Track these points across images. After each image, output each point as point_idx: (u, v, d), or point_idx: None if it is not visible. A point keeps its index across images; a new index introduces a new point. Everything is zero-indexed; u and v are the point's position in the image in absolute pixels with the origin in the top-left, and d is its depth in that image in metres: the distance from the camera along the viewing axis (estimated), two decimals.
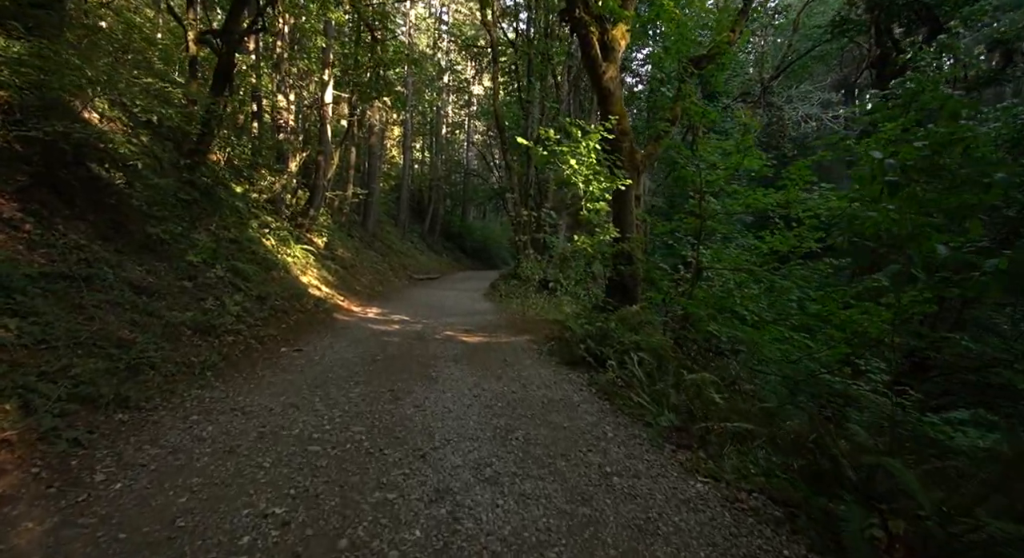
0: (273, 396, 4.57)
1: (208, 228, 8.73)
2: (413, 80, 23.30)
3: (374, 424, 3.96)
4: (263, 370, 5.53)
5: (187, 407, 4.06)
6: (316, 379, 5.29)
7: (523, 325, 9.35)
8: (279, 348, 6.63)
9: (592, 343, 6.06)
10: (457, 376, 5.59)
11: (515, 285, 14.37)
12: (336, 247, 14.86)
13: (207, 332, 6.01)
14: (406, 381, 5.33)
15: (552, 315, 10.92)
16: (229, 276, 7.81)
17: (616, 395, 4.84)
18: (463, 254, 28.34)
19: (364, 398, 4.64)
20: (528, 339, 7.89)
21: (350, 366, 5.95)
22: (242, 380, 5.05)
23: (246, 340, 6.42)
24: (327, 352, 6.68)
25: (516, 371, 5.87)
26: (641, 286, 9.35)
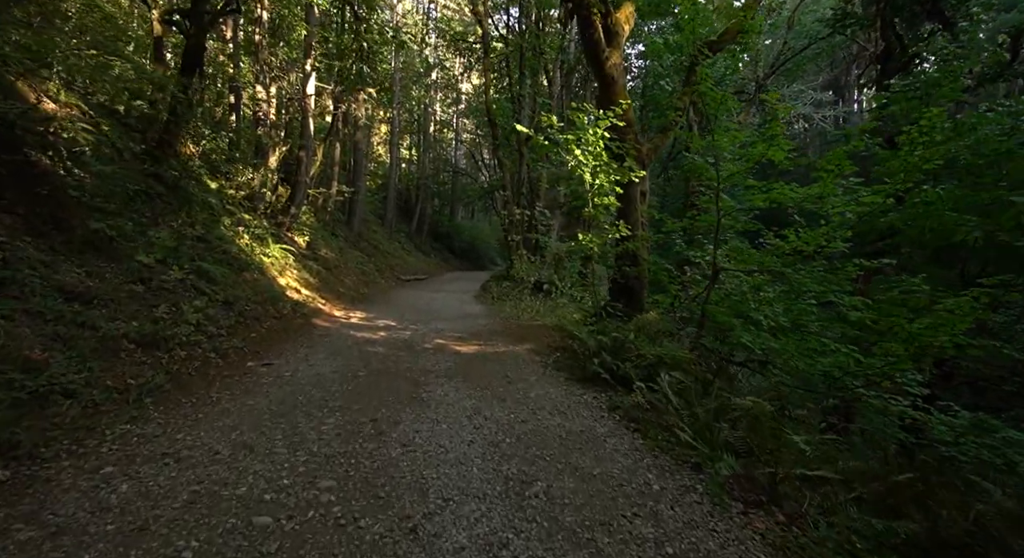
0: (224, 431, 3.54)
1: (171, 225, 7.62)
2: (400, 76, 22.20)
3: (349, 475, 2.97)
4: (219, 392, 4.49)
5: (102, 453, 3.02)
6: (283, 404, 4.27)
7: (520, 332, 8.39)
8: (244, 362, 5.59)
9: (608, 357, 5.12)
10: (452, 398, 4.60)
11: (507, 287, 13.41)
12: (319, 247, 13.75)
13: (155, 346, 4.95)
14: (392, 406, 4.33)
15: (549, 320, 9.99)
16: (192, 279, 6.73)
17: (647, 425, 3.90)
18: (451, 254, 27.29)
19: (339, 432, 3.64)
20: (529, 349, 6.93)
21: (326, 385, 4.93)
22: (190, 407, 4.01)
23: (204, 354, 5.36)
24: (301, 367, 5.65)
25: (521, 391, 4.90)
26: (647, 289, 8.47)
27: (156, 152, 9.00)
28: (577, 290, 12.81)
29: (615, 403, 4.43)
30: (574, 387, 5.02)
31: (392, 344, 7.15)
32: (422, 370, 5.70)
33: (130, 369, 4.34)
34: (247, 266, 8.64)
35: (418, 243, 24.50)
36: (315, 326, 8.19)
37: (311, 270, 11.64)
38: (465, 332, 8.30)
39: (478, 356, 6.48)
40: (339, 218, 17.89)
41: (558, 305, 11.73)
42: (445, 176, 28.61)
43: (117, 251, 6.07)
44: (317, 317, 8.81)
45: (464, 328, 8.69)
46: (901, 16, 12.08)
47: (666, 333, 5.82)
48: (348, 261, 14.82)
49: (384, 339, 7.49)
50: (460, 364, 6.02)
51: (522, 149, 14.97)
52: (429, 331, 8.25)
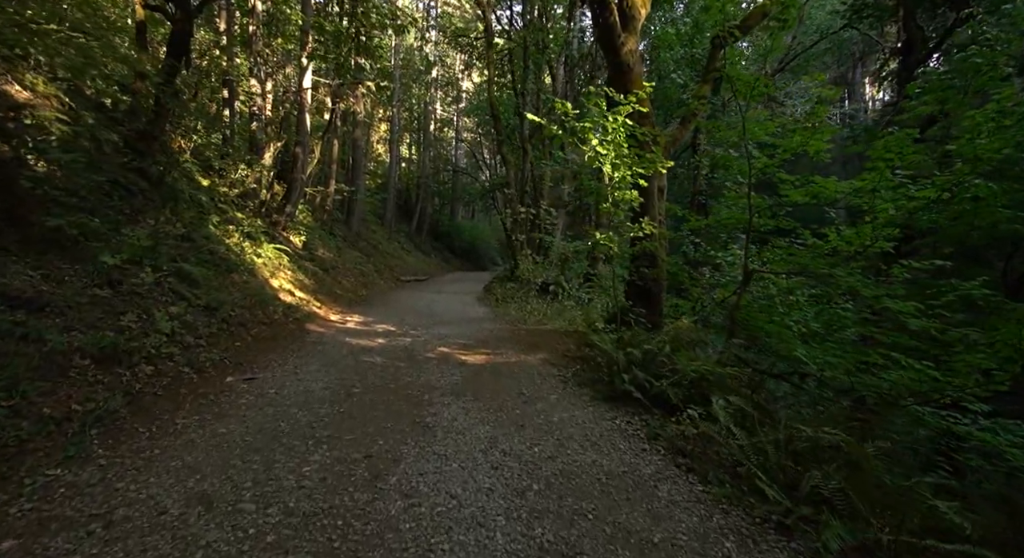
0: (180, 475, 2.78)
1: (150, 222, 6.85)
2: (400, 73, 21.40)
3: (333, 547, 2.20)
4: (187, 417, 3.72)
5: (7, 519, 2.25)
6: (261, 433, 3.51)
7: (530, 338, 7.62)
8: (223, 377, 4.81)
9: (639, 372, 4.35)
10: (462, 424, 3.84)
11: (512, 288, 12.64)
12: (316, 247, 12.98)
13: (115, 361, 4.17)
14: (391, 435, 3.57)
15: (558, 324, 9.24)
16: (171, 281, 5.96)
17: (701, 461, 3.14)
18: (452, 254, 26.50)
19: (325, 475, 2.88)
20: (543, 359, 6.16)
21: (315, 406, 4.17)
22: (146, 439, 3.24)
23: (176, 369, 4.58)
24: (288, 381, 4.88)
25: (541, 413, 4.14)
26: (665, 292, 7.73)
27: (139, 145, 8.23)
28: (584, 292, 12.06)
29: (655, 431, 3.67)
30: (602, 408, 4.26)
31: (391, 353, 6.38)
32: (425, 385, 4.93)
33: (79, 391, 3.57)
34: (236, 267, 7.86)
35: (418, 243, 23.73)
36: (308, 332, 7.41)
37: (307, 271, 10.87)
38: (471, 338, 7.54)
39: (487, 368, 5.72)
40: (337, 217, 17.11)
41: (565, 308, 10.98)
42: (445, 175, 27.80)
43: (84, 251, 5.30)
44: (311, 322, 8.03)
45: (469, 334, 7.92)
46: (922, 7, 11.35)
47: (700, 342, 5.07)
48: (346, 262, 14.04)
49: (383, 347, 6.72)
50: (468, 378, 5.26)
51: (526, 146, 14.22)
52: (431, 337, 7.48)
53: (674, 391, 4.06)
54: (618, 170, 6.03)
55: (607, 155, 5.99)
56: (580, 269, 13.54)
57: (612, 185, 6.18)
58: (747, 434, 3.15)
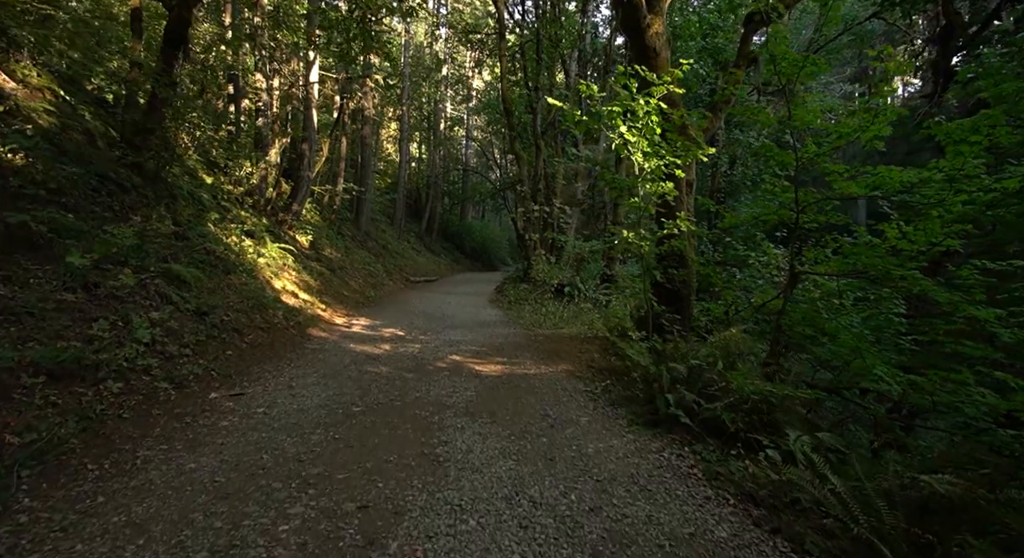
0: (117, 540, 2.11)
1: (136, 220, 6.24)
2: (410, 71, 20.77)
3: None
4: (152, 447, 3.07)
5: None
6: (237, 470, 2.84)
7: (549, 345, 6.92)
8: (207, 393, 4.16)
9: (685, 392, 3.63)
10: (480, 457, 3.15)
11: (525, 290, 11.94)
12: (323, 246, 12.36)
13: (76, 377, 3.53)
14: (393, 474, 2.89)
15: (576, 328, 8.53)
16: (158, 283, 5.33)
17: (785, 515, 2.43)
18: (462, 255, 25.83)
19: (305, 540, 2.20)
20: (565, 370, 5.46)
21: (306, 431, 3.50)
22: (92, 482, 2.59)
23: (152, 384, 3.94)
24: (280, 398, 4.22)
25: (573, 442, 3.44)
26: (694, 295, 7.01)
27: (136, 139, 7.62)
28: (601, 294, 11.33)
29: (714, 469, 2.95)
30: (644, 436, 3.55)
31: (398, 362, 5.71)
32: (435, 403, 4.25)
33: (21, 417, 2.92)
34: (234, 268, 7.24)
35: (428, 243, 23.09)
36: (310, 338, 6.76)
37: (312, 272, 10.24)
38: (484, 345, 6.85)
39: (505, 381, 5.02)
40: (346, 217, 16.50)
41: (582, 310, 10.27)
42: (456, 174, 27.12)
43: (58, 251, 4.68)
44: (314, 326, 7.39)
45: (482, 340, 7.24)
46: None
47: (747, 355, 4.34)
48: (354, 262, 13.42)
49: (389, 355, 6.05)
50: (483, 394, 4.56)
51: (539, 142, 13.51)
52: (442, 344, 6.81)
53: (730, 416, 3.34)
54: (650, 159, 5.31)
55: (637, 143, 5.28)
56: (596, 270, 12.82)
57: (642, 177, 5.46)
58: (841, 479, 2.43)
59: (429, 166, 24.38)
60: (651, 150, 5.31)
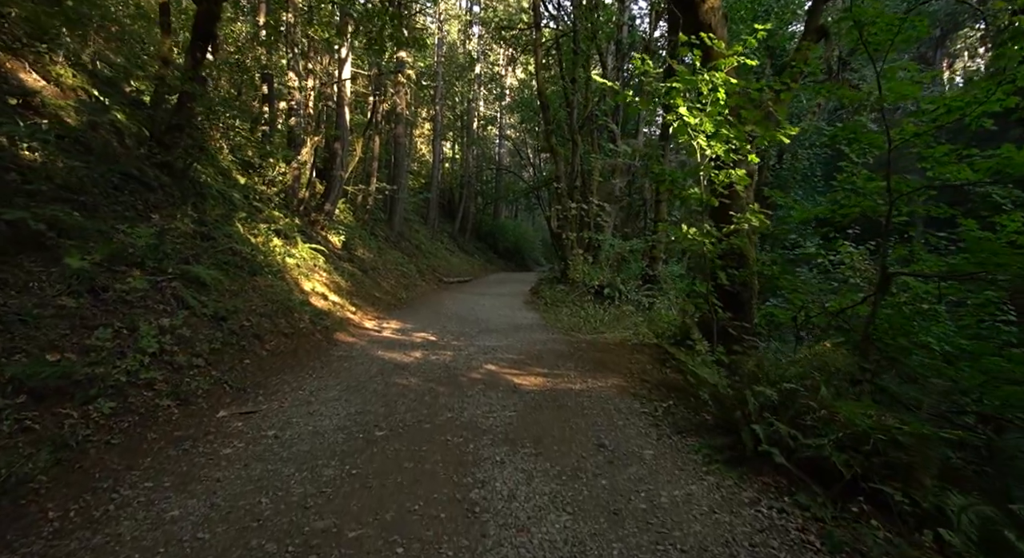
0: None
1: (156, 218, 5.85)
2: (443, 71, 20.31)
3: None
4: (135, 485, 2.53)
5: None
6: (227, 520, 2.26)
7: (593, 353, 6.20)
8: (215, 411, 3.64)
9: (780, 424, 2.87)
10: (525, 509, 2.48)
11: (562, 291, 11.22)
12: (355, 247, 11.95)
13: (64, 395, 3.04)
14: (417, 530, 2.26)
15: (619, 333, 7.78)
16: (175, 286, 4.88)
17: None
18: (495, 255, 25.24)
19: None
20: (616, 384, 4.74)
21: (319, 463, 2.91)
22: (45, 538, 2.05)
23: (152, 401, 3.43)
24: (296, 417, 3.66)
25: (641, 487, 2.73)
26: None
27: (166, 138, 7.28)
28: (643, 295, 10.51)
29: (837, 539, 2.19)
30: (727, 478, 2.80)
31: (430, 372, 5.10)
32: (470, 426, 3.61)
33: None
34: (260, 269, 6.80)
35: (461, 243, 22.60)
36: (337, 344, 6.25)
37: (344, 273, 9.80)
38: (522, 352, 6.19)
39: (548, 397, 4.34)
40: (379, 217, 16.13)
41: (623, 313, 9.50)
42: (488, 174, 26.53)
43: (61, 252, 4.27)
44: (342, 330, 6.88)
45: (520, 346, 6.58)
46: None
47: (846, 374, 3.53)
48: (387, 262, 12.98)
49: (419, 364, 5.46)
50: (524, 414, 3.90)
51: (576, 137, 12.76)
52: (476, 351, 6.18)
53: (842, 458, 2.56)
54: (715, 143, 4.53)
55: (700, 125, 4.51)
56: (637, 270, 11.98)
57: (705, 164, 4.69)
58: None
59: (462, 165, 23.88)
60: (717, 133, 4.53)
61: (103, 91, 7.42)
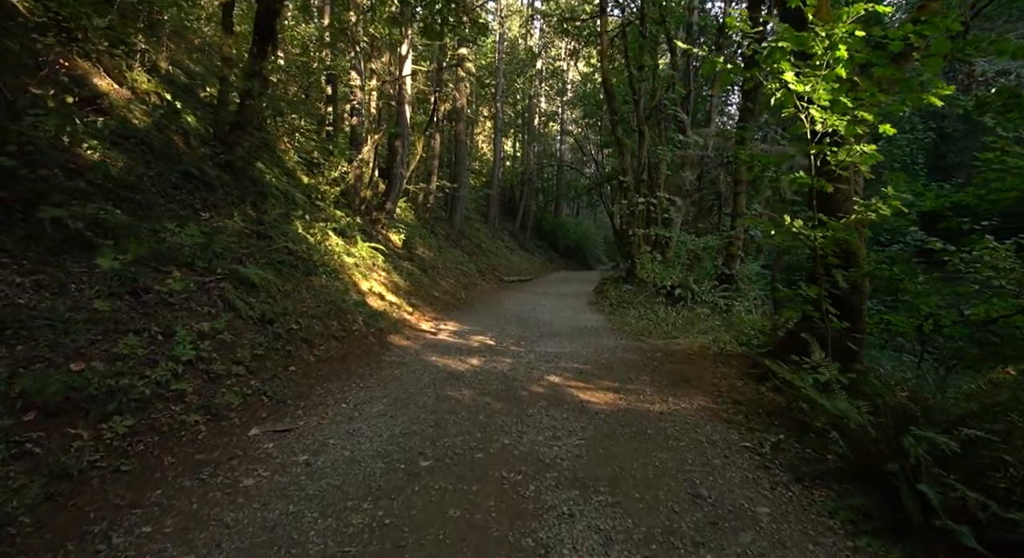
0: None
1: (205, 216, 5.64)
2: (504, 68, 19.77)
3: None
4: (130, 531, 2.07)
5: None
6: None
7: (670, 363, 5.35)
8: (248, 428, 3.20)
9: (966, 490, 1.99)
10: None
11: (628, 291, 10.32)
12: (415, 245, 11.63)
13: (77, 412, 2.68)
14: None
15: (695, 339, 6.85)
16: (223, 287, 4.58)
17: None
18: (556, 253, 24.46)
19: None
20: (706, 407, 3.91)
21: (347, 505, 2.36)
22: None
23: (178, 418, 3.03)
24: (334, 437, 3.16)
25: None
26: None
27: (228, 137, 7.16)
28: (719, 296, 9.42)
29: None
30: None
31: (485, 383, 4.50)
32: (530, 458, 2.95)
33: None
34: (315, 269, 6.49)
35: (522, 241, 22.02)
36: (390, 348, 5.80)
37: (403, 272, 9.45)
38: (588, 361, 5.46)
39: (622, 420, 3.60)
40: (440, 216, 15.85)
41: (698, 317, 8.49)
42: (549, 171, 25.74)
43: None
44: (397, 333, 6.44)
45: (585, 353, 5.85)
46: None
47: None
48: (447, 261, 12.60)
49: (475, 372, 4.87)
50: (596, 443, 3.19)
51: (642, 128, 11.77)
52: (537, 358, 5.52)
53: None
54: (833, 115, 3.59)
55: (814, 92, 3.58)
56: (710, 269, 10.84)
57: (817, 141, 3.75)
58: None
59: (523, 162, 23.27)
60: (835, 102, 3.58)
61: (177, 95, 7.43)
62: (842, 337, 4.61)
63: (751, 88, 9.91)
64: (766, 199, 11.70)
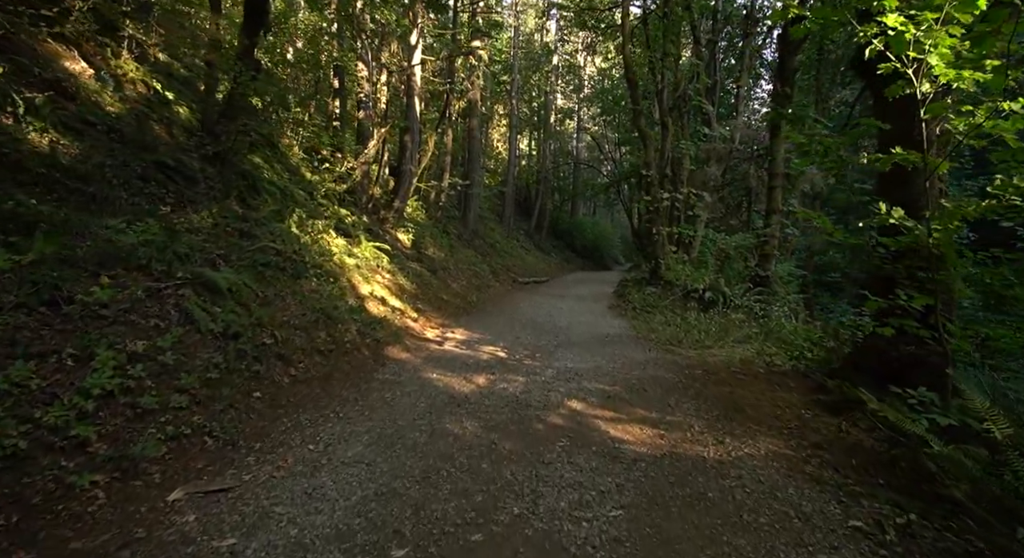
0: None
1: (165, 210, 4.81)
2: (520, 64, 18.81)
3: None
4: None
5: None
6: None
7: (716, 385, 4.35)
8: (169, 488, 2.32)
9: None
10: None
11: (652, 294, 9.30)
12: (425, 245, 10.76)
13: None
14: None
15: (733, 351, 5.83)
16: (182, 295, 3.73)
17: None
18: (572, 253, 23.39)
19: None
20: (776, 451, 2.91)
21: None
22: None
23: (65, 479, 2.15)
24: (282, 502, 2.26)
25: None
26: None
27: (217, 128, 6.36)
28: (752, 300, 8.34)
29: None
30: None
31: (492, 412, 3.57)
32: (548, 544, 2.01)
33: None
34: (305, 271, 5.62)
35: (537, 241, 21.03)
36: (386, 362, 4.91)
37: (410, 273, 8.57)
38: (615, 379, 4.49)
39: (671, 476, 2.63)
40: (453, 215, 14.97)
41: (731, 323, 7.43)
42: (565, 170, 24.66)
43: None
44: (397, 343, 5.55)
45: (611, 368, 4.88)
46: None
47: None
48: (459, 262, 11.69)
49: (481, 396, 3.94)
50: (640, 519, 2.23)
51: (666, 119, 10.73)
52: (555, 376, 4.57)
53: None
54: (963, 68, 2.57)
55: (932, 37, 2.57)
56: (741, 270, 9.75)
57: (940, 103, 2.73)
58: None
59: (539, 161, 22.25)
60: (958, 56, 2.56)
61: (171, 87, 6.68)
62: (930, 355, 3.61)
63: (788, 72, 8.83)
64: (801, 193, 10.58)
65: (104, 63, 5.79)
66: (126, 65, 6.09)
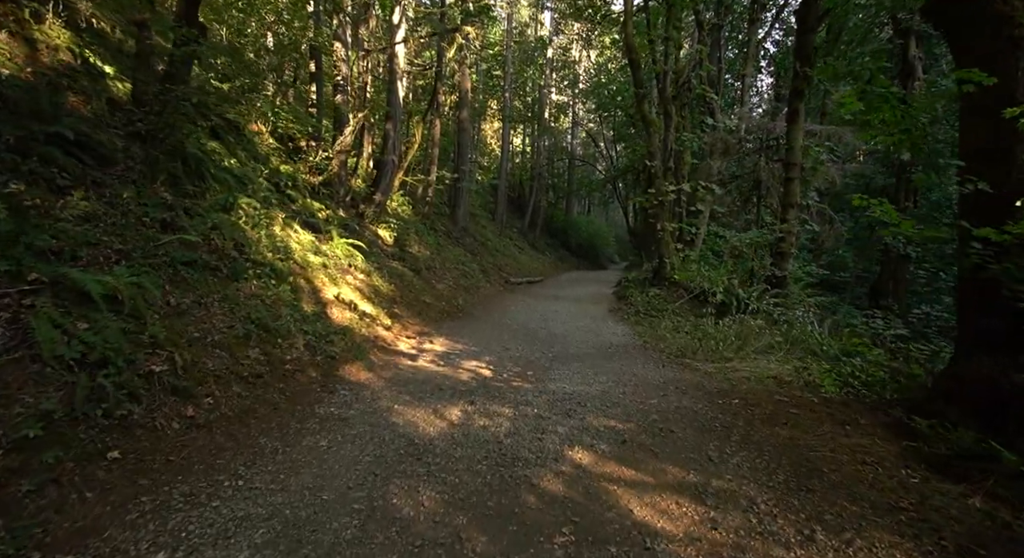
0: None
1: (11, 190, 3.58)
2: (513, 56, 17.59)
3: None
4: None
5: None
6: None
7: (762, 421, 3.18)
8: None
9: None
10: None
11: (657, 296, 8.14)
12: (409, 243, 9.55)
13: None
14: None
15: (759, 366, 4.70)
16: (26, 305, 2.52)
17: None
18: (567, 252, 22.20)
19: None
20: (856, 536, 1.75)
21: None
22: None
23: None
24: None
25: None
26: None
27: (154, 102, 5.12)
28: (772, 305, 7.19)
29: None
30: None
31: (463, 472, 2.40)
32: None
33: None
34: (244, 271, 4.41)
35: (531, 240, 19.82)
36: (337, 387, 3.72)
37: (388, 273, 7.36)
38: (629, 411, 3.34)
39: None
40: (442, 211, 13.77)
41: (749, 330, 6.28)
42: (560, 166, 23.43)
43: None
44: (356, 360, 4.36)
45: (621, 394, 3.72)
46: None
47: None
48: (446, 260, 10.49)
49: (451, 439, 2.77)
50: None
51: (668, 108, 9.60)
52: (550, 406, 3.40)
53: None
54: None
55: None
56: (756, 270, 8.59)
57: None
58: None
59: (533, 157, 21.03)
60: None
61: (112, 59, 5.46)
62: None
63: (807, 50, 7.69)
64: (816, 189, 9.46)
65: (19, 26, 4.57)
66: (51, 30, 4.87)
